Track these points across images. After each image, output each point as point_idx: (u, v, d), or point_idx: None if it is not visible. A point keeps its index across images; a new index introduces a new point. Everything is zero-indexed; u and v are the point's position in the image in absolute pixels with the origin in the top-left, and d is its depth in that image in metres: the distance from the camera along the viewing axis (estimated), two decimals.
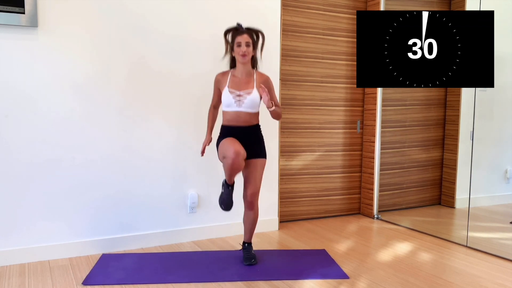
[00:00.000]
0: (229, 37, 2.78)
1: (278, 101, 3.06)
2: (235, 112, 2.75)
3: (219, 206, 2.91)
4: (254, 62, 2.83)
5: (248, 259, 2.88)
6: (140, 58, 3.11)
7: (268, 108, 2.71)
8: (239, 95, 2.74)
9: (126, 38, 3.05)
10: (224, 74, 2.82)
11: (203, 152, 2.89)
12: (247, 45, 2.71)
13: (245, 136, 2.78)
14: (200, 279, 2.60)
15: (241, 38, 2.71)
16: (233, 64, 2.85)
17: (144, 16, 3.09)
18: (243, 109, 2.75)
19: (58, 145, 2.90)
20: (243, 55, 2.71)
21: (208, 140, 2.89)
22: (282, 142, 3.81)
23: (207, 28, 3.28)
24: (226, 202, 2.86)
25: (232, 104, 2.74)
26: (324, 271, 2.76)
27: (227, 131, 2.79)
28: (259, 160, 2.82)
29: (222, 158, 2.72)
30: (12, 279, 2.57)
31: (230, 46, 2.78)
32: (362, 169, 4.26)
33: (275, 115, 2.79)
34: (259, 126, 2.87)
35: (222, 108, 2.82)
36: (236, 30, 2.77)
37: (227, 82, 2.77)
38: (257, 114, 2.84)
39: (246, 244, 2.97)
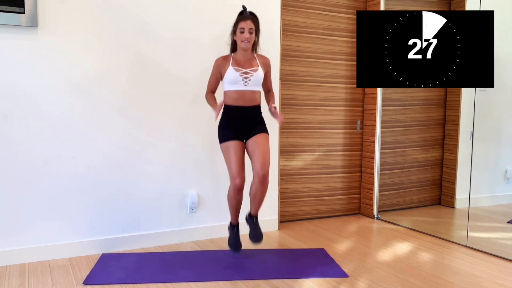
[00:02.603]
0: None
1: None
2: (241, 91, 2.76)
3: (228, 246, 2.96)
4: (254, 47, 2.85)
5: (257, 237, 2.83)
6: (141, 58, 3.11)
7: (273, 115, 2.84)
8: (245, 73, 2.75)
9: (127, 38, 3.05)
10: (225, 57, 2.82)
11: (218, 113, 2.76)
12: (250, 32, 2.73)
13: (249, 118, 2.80)
14: (200, 279, 2.60)
15: (245, 24, 2.72)
16: (234, 47, 2.85)
17: (144, 16, 3.09)
18: (249, 87, 2.76)
19: (58, 145, 2.90)
20: (246, 41, 2.73)
21: (219, 107, 2.72)
22: (282, 142, 3.81)
23: (208, 27, 3.28)
24: (234, 245, 2.90)
25: (239, 81, 2.74)
26: (324, 270, 2.76)
27: (231, 112, 2.78)
28: (262, 134, 2.81)
29: (225, 158, 2.78)
30: (12, 279, 2.58)
31: (233, 30, 2.78)
32: (362, 169, 4.26)
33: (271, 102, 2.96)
34: (260, 107, 2.87)
35: (226, 87, 2.80)
36: (241, 14, 2.77)
37: (230, 63, 2.77)
38: (260, 92, 2.86)
39: (254, 219, 2.88)
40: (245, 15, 2.76)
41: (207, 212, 3.39)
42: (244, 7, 2.80)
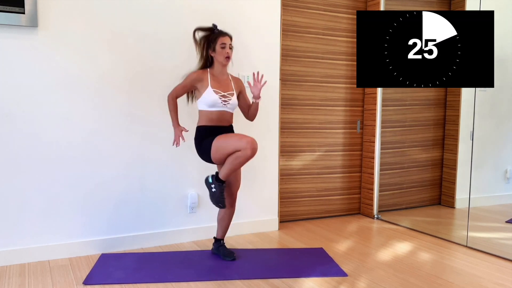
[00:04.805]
0: (209, 36, 2.78)
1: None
2: (219, 111, 2.77)
3: (214, 206, 2.81)
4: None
5: (230, 254, 2.92)
6: (140, 57, 3.11)
7: (256, 99, 2.81)
8: (224, 96, 2.76)
9: (127, 38, 3.05)
10: (203, 72, 2.79)
11: (178, 143, 2.82)
12: (230, 47, 2.77)
13: None
14: (199, 278, 2.61)
15: (226, 40, 2.74)
16: (208, 64, 2.83)
17: (145, 16, 3.09)
18: (226, 108, 2.78)
19: (58, 145, 2.90)
20: (228, 58, 2.75)
21: (181, 130, 2.81)
22: (282, 142, 3.81)
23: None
24: (222, 200, 2.72)
25: (218, 104, 2.74)
26: (323, 269, 2.76)
27: (209, 132, 2.76)
28: None
29: (226, 154, 2.64)
30: (12, 279, 2.58)
31: (213, 46, 2.76)
32: (362, 169, 4.26)
33: (255, 111, 2.90)
34: (233, 127, 2.92)
35: (203, 108, 2.78)
36: (218, 31, 2.78)
37: (209, 82, 2.75)
38: (233, 114, 2.90)
39: (222, 241, 3.00)
40: (223, 31, 2.78)
41: (207, 212, 3.39)
42: (214, 25, 2.80)
